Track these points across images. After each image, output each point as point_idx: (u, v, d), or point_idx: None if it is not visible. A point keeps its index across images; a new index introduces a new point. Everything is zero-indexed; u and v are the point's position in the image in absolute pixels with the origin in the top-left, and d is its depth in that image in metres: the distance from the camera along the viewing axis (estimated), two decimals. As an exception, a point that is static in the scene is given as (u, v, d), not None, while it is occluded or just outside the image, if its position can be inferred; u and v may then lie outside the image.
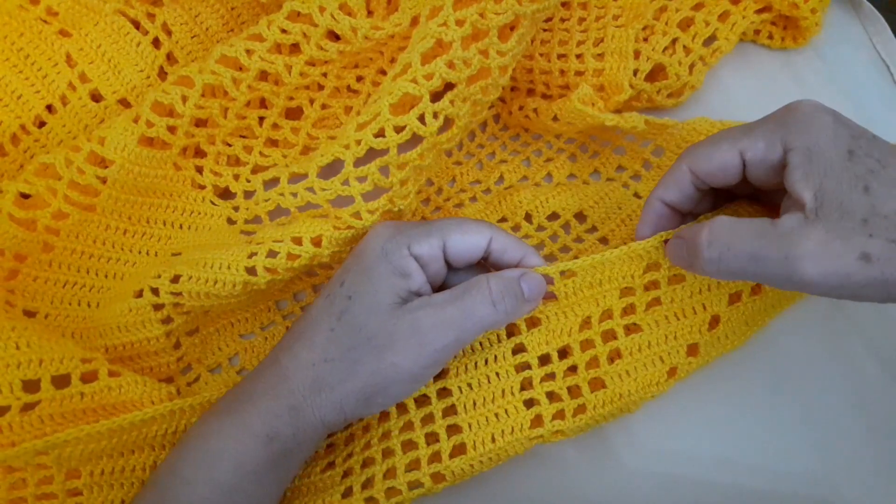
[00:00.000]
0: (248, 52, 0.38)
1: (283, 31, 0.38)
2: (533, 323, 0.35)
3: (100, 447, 0.33)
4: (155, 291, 0.36)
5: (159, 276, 0.36)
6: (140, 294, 0.37)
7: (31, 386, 0.32)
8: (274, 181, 0.40)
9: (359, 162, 0.35)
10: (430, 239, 0.33)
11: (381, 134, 0.35)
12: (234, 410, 0.32)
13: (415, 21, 0.38)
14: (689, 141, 0.43)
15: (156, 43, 0.43)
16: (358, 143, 0.35)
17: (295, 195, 0.38)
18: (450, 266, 0.35)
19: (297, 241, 0.36)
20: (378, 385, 0.32)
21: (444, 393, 0.35)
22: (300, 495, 0.36)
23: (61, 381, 0.33)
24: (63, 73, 0.42)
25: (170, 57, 0.43)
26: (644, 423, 0.38)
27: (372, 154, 0.35)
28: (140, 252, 0.40)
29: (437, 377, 0.35)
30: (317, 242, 0.36)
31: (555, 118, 0.43)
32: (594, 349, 0.35)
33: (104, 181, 0.37)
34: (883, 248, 0.27)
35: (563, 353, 0.35)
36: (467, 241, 0.33)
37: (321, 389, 0.32)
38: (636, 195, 0.43)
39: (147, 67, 0.42)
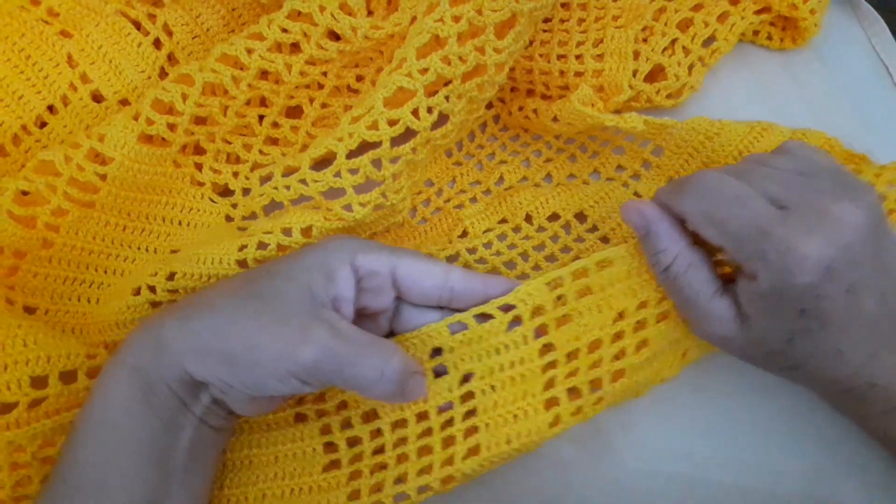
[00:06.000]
0: (249, 50, 0.38)
1: (284, 30, 0.38)
2: (564, 320, 0.34)
3: None
4: (152, 289, 0.36)
5: (156, 274, 0.36)
6: (138, 292, 0.36)
7: (38, 382, 0.32)
8: (270, 177, 0.40)
9: (352, 154, 0.35)
10: (379, 253, 0.32)
11: (374, 127, 0.35)
12: (115, 352, 0.31)
13: (414, 21, 0.38)
14: (689, 140, 0.43)
15: (157, 44, 0.43)
16: (351, 135, 0.35)
17: (288, 188, 0.38)
18: (404, 299, 0.33)
19: (287, 231, 0.36)
20: (233, 351, 0.29)
21: (467, 397, 0.34)
22: (302, 494, 0.35)
23: (68, 377, 0.33)
24: (64, 73, 0.42)
25: (171, 58, 0.43)
26: (644, 422, 0.38)
27: (365, 148, 0.35)
28: (139, 248, 0.40)
29: (462, 381, 0.34)
30: (306, 233, 0.36)
31: (554, 119, 0.43)
32: (622, 341, 0.34)
33: (104, 178, 0.37)
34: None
35: (593, 347, 0.34)
36: (421, 268, 0.32)
37: (185, 321, 0.30)
38: (636, 194, 0.43)
39: (148, 68, 0.43)
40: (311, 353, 0.28)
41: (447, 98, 0.35)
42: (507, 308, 0.33)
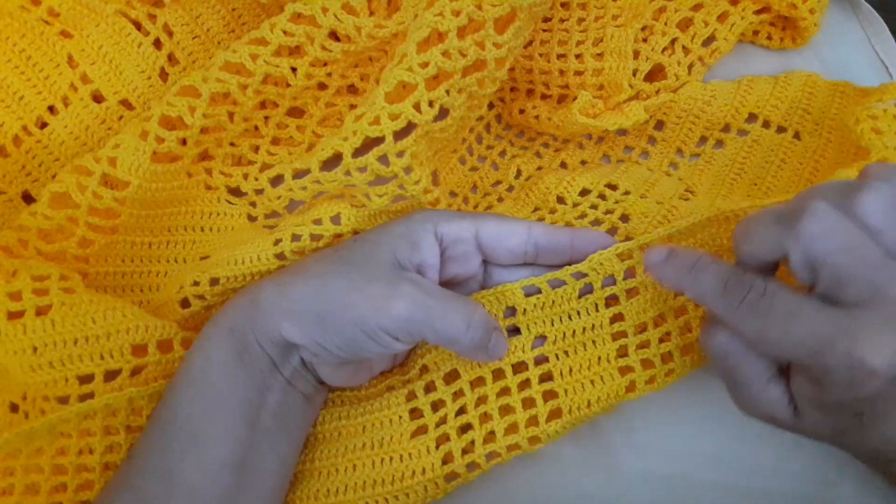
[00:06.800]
0: (253, 56, 0.38)
1: (286, 33, 0.38)
2: (633, 293, 0.35)
3: None
4: (201, 297, 0.37)
5: (198, 284, 0.37)
6: (187, 304, 0.37)
7: (138, 350, 0.34)
8: (279, 178, 0.40)
9: (358, 153, 0.35)
10: (461, 221, 0.34)
11: (376, 122, 0.35)
12: (214, 316, 0.33)
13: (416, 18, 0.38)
14: (688, 109, 0.44)
15: (157, 44, 0.43)
16: (354, 133, 0.35)
17: (304, 189, 0.38)
18: (490, 261, 0.35)
19: (318, 221, 0.37)
20: (327, 311, 0.31)
21: (541, 360, 0.35)
22: (393, 463, 0.35)
23: (165, 346, 0.35)
24: (65, 73, 0.41)
25: (171, 58, 0.43)
26: (643, 422, 0.38)
27: (371, 144, 0.35)
28: (169, 261, 0.40)
29: (535, 344, 0.35)
30: (336, 220, 0.37)
31: (557, 127, 0.43)
32: (686, 315, 0.35)
33: (122, 202, 0.37)
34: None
35: (658, 321, 0.35)
36: (504, 228, 0.34)
37: (282, 286, 0.32)
38: (649, 171, 0.44)
39: (148, 68, 0.42)
40: (403, 305, 0.30)
41: (447, 92, 0.35)
42: (579, 276, 0.34)
